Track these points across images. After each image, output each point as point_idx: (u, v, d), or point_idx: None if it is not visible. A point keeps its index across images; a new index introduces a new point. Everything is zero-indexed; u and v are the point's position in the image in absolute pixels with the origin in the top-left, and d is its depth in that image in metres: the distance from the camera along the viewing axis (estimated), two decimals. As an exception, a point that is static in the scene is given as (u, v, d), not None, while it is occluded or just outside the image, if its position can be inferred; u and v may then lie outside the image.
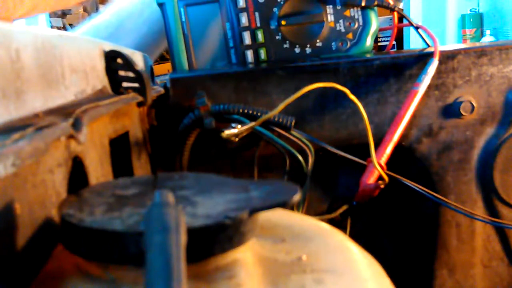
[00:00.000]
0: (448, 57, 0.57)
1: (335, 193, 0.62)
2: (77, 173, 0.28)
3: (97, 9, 3.25)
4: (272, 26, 0.64)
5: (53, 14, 3.23)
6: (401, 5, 2.69)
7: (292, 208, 0.52)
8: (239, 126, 0.52)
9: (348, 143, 0.57)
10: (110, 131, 0.37)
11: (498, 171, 0.59)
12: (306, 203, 0.56)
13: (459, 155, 0.59)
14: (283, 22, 0.64)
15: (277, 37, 0.64)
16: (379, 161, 0.53)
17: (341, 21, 0.64)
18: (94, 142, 0.33)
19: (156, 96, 0.56)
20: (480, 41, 2.41)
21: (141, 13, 0.80)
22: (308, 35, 0.64)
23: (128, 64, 0.37)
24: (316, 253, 0.26)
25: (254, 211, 0.22)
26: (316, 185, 0.60)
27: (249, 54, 0.65)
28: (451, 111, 0.57)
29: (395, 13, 0.65)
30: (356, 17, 0.64)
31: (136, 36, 0.79)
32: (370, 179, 0.54)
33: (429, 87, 0.56)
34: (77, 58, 0.33)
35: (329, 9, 0.64)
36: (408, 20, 0.65)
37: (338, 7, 0.64)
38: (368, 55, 0.61)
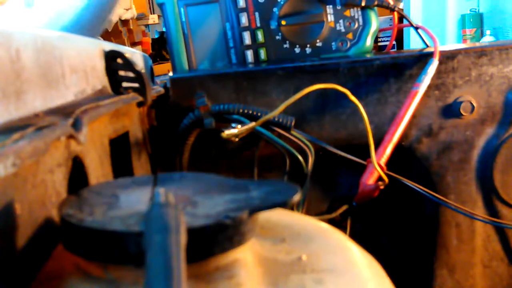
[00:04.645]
0: (448, 57, 0.57)
1: (335, 193, 0.62)
2: (77, 173, 0.28)
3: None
4: (272, 26, 0.64)
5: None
6: (401, 5, 2.69)
7: (292, 208, 0.52)
8: (239, 126, 0.52)
9: (348, 143, 0.57)
10: (110, 131, 0.37)
11: (498, 171, 0.59)
12: (306, 203, 0.56)
13: (459, 155, 0.59)
14: (283, 22, 0.64)
15: (277, 37, 0.64)
16: (379, 161, 0.53)
17: (341, 21, 0.64)
18: (94, 142, 0.33)
19: (156, 96, 0.56)
20: (480, 41, 2.40)
21: None
22: (308, 35, 0.64)
23: (128, 64, 0.37)
24: (316, 253, 0.26)
25: (254, 211, 0.22)
26: (316, 185, 0.60)
27: (249, 54, 0.65)
28: (451, 111, 0.57)
29: (395, 13, 0.65)
30: (356, 17, 0.64)
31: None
32: (370, 179, 0.54)
33: (429, 87, 0.56)
34: (77, 58, 0.33)
35: (329, 9, 0.64)
36: (408, 20, 0.65)
37: (338, 7, 0.64)
38: (368, 55, 0.61)
